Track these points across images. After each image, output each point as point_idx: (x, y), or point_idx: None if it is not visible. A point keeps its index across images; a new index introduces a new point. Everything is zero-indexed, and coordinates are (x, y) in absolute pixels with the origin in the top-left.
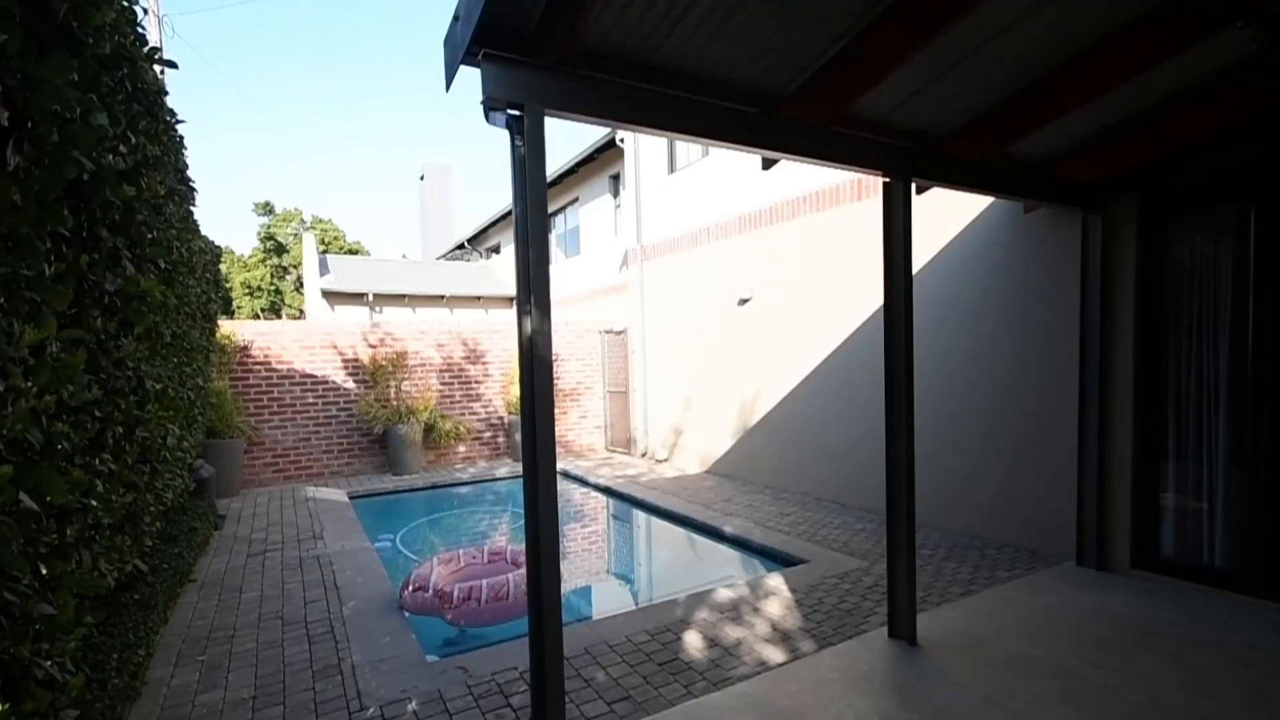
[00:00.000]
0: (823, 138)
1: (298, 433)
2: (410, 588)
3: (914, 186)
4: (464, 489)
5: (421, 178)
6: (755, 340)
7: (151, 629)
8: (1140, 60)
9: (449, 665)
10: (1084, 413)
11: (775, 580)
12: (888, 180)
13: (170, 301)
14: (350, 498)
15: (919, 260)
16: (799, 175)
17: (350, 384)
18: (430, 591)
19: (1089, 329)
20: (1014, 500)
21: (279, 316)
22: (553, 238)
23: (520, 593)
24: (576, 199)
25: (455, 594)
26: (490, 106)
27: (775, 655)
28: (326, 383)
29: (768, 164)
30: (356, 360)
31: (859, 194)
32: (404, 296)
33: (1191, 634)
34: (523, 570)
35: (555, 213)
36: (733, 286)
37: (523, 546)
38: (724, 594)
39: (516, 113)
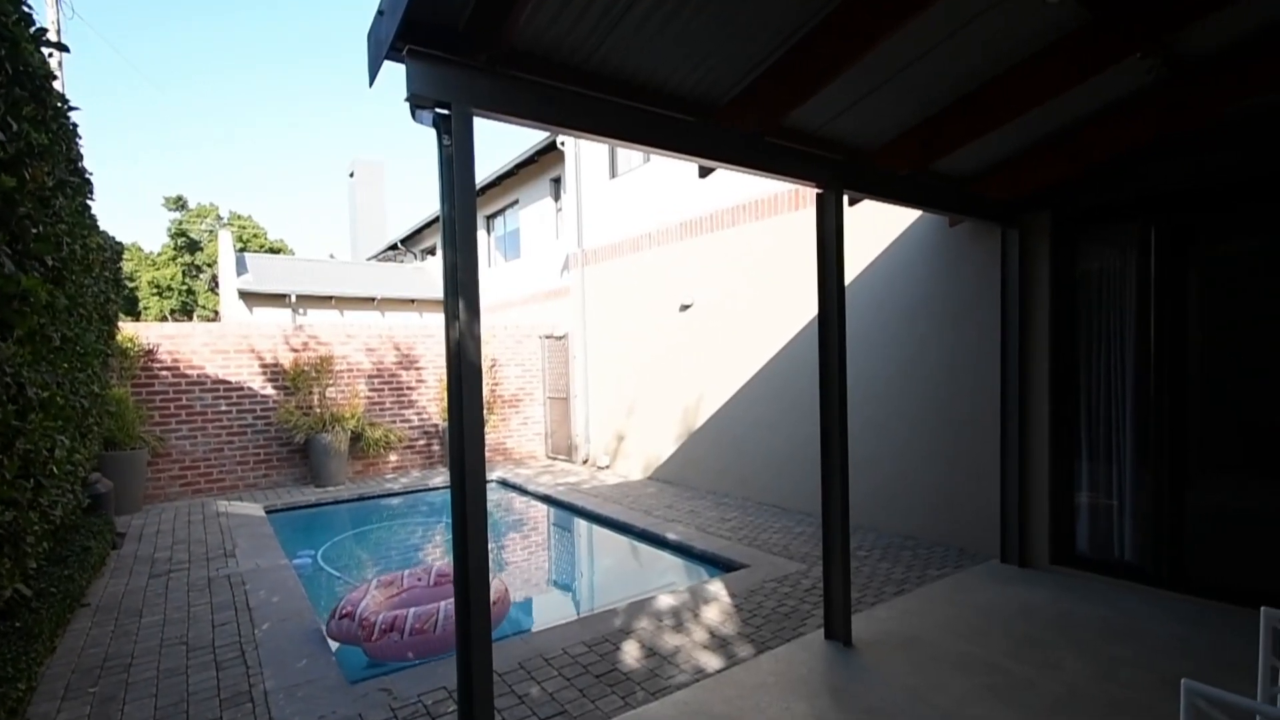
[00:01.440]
0: (758, 148)
1: (209, 443)
2: (337, 614)
3: (846, 198)
4: (394, 500)
5: (351, 175)
6: (697, 346)
7: (35, 660)
8: (1050, 86)
9: (371, 688)
10: (1005, 417)
11: (715, 586)
12: (821, 191)
13: (60, 302)
14: (267, 512)
15: (854, 269)
16: (739, 184)
17: (269, 390)
18: (355, 621)
19: (1009, 338)
20: (944, 501)
21: (190, 318)
22: (491, 240)
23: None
24: (516, 201)
25: (379, 623)
26: (416, 105)
27: (714, 662)
28: (242, 389)
29: (704, 172)
30: (277, 365)
31: (796, 204)
32: (331, 298)
33: (1104, 625)
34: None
35: (494, 215)
36: (675, 292)
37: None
38: (664, 601)
39: (444, 112)
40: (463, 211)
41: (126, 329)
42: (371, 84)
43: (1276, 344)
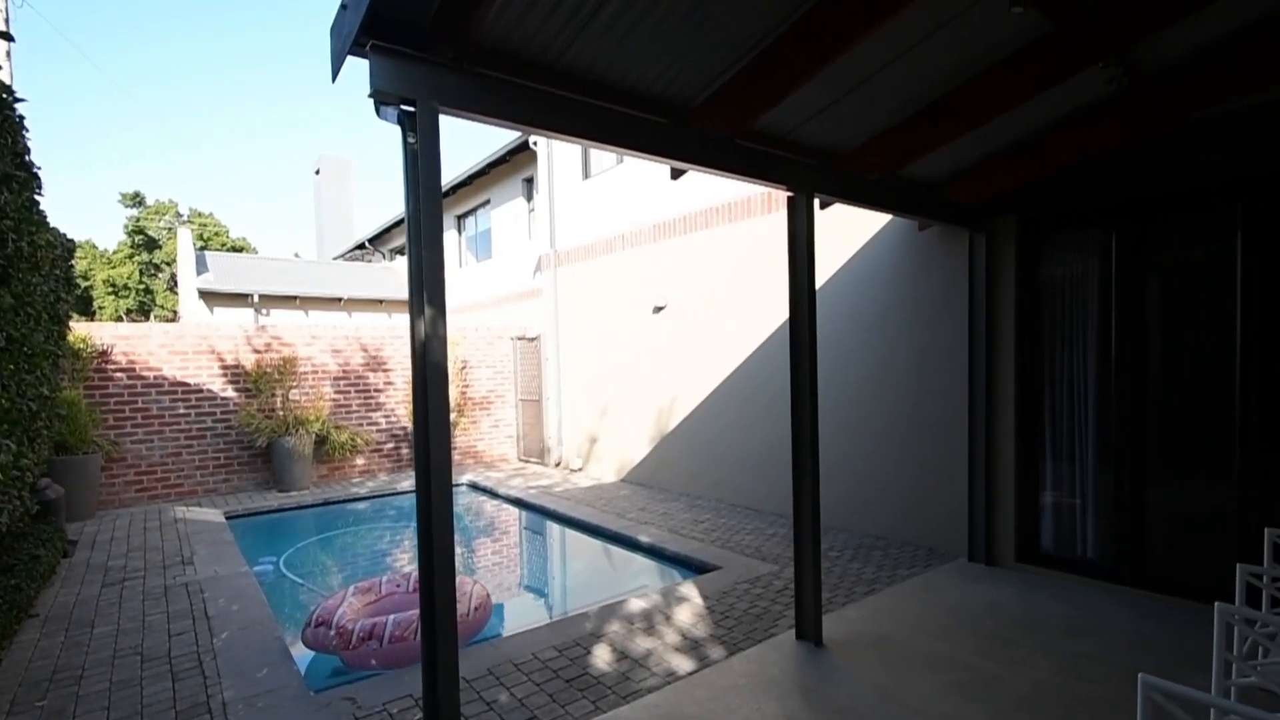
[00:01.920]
0: (729, 151)
1: (166, 447)
2: (313, 623)
3: (817, 201)
4: (361, 505)
5: (317, 172)
6: (670, 348)
7: None
8: (1015, 94)
9: (335, 697)
10: (973, 418)
11: (688, 588)
12: (791, 195)
13: (4, 301)
14: (227, 518)
15: (826, 272)
16: (712, 186)
17: (230, 392)
18: (332, 629)
19: (976, 340)
20: (914, 502)
21: (148, 318)
22: (462, 240)
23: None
24: (488, 201)
25: (357, 630)
26: (380, 101)
27: (686, 664)
28: (201, 391)
29: (676, 174)
30: (238, 366)
31: (769, 207)
32: (295, 298)
33: (1068, 622)
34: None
35: (465, 214)
36: (648, 294)
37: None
38: (636, 604)
39: (409, 109)
40: (428, 210)
41: (79, 329)
42: (334, 79)
43: (1226, 348)
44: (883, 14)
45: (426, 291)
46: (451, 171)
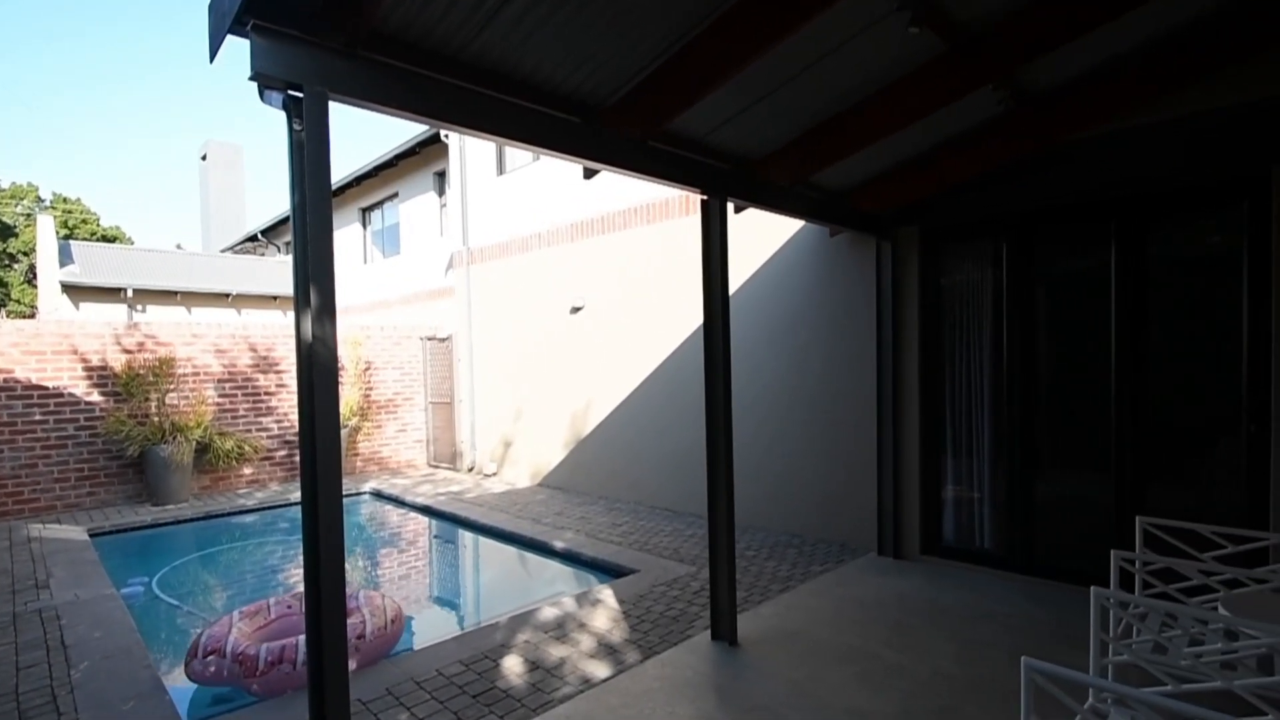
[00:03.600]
0: (643, 152)
1: (18, 458)
2: (201, 653)
3: (731, 205)
4: (248, 517)
5: (203, 158)
6: (588, 349)
7: None
8: (914, 110)
9: None
10: (881, 418)
11: (604, 592)
12: (705, 198)
13: None
14: (91, 535)
15: (743, 275)
16: (631, 187)
17: (96, 397)
18: (229, 658)
19: (883, 343)
20: (828, 499)
21: (2, 314)
22: (367, 234)
23: (362, 643)
24: (396, 194)
25: (264, 655)
26: (264, 85)
27: (600, 671)
28: (62, 396)
29: (589, 173)
30: (106, 368)
31: (687, 209)
32: (176, 294)
33: (966, 610)
34: (362, 614)
35: (371, 207)
36: (565, 294)
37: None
38: (549, 612)
39: (296, 94)
40: (315, 202)
41: None
42: (212, 60)
43: (1103, 352)
44: (789, 26)
45: (314, 289)
46: (357, 160)
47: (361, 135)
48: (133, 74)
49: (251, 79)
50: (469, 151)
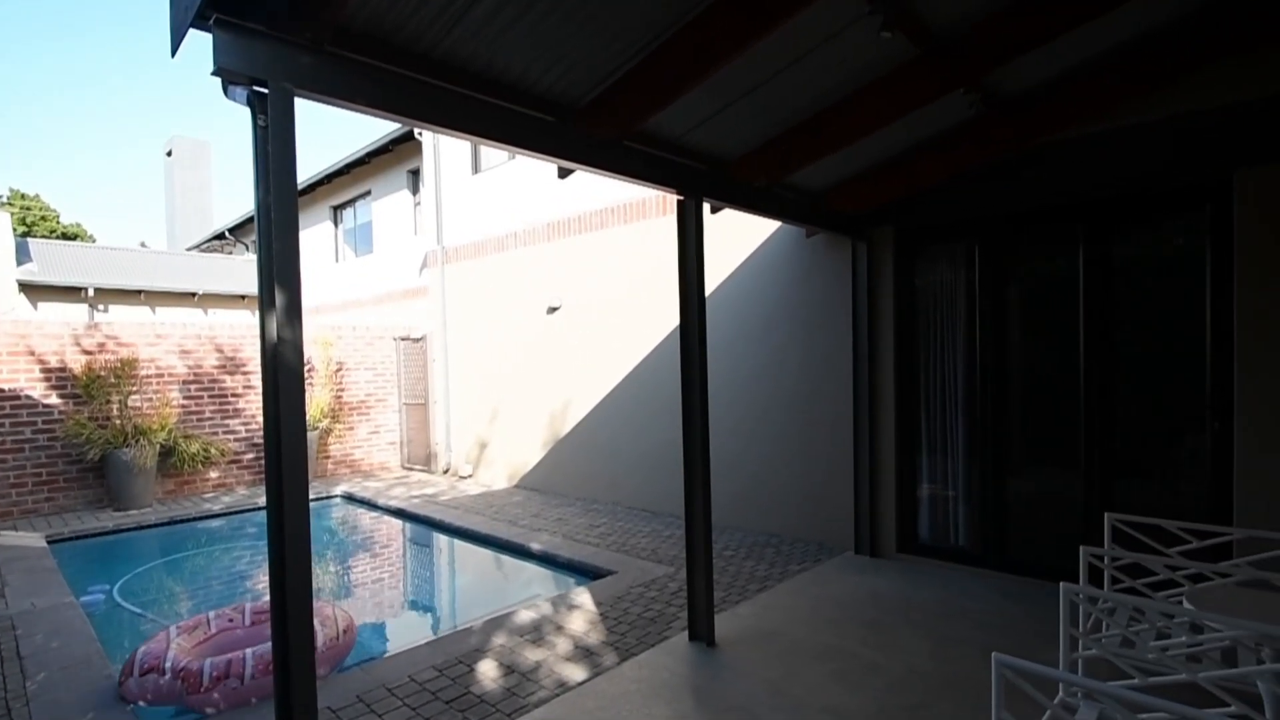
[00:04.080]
0: (618, 152)
1: None
2: (137, 672)
3: (707, 206)
4: (215, 522)
5: (169, 154)
6: (565, 349)
7: None
8: (887, 113)
9: None
10: (858, 416)
11: (581, 595)
12: (681, 198)
13: None
14: (50, 542)
15: (720, 275)
16: (607, 187)
17: (54, 399)
18: (170, 675)
19: (859, 343)
20: (805, 499)
21: None
22: (339, 233)
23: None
24: (369, 192)
25: (208, 670)
26: (227, 80)
27: (577, 674)
28: (18, 398)
29: (564, 173)
30: (64, 369)
31: (664, 209)
32: (140, 293)
33: (941, 607)
34: (323, 625)
35: (343, 205)
36: (542, 294)
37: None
38: (525, 615)
39: (261, 89)
40: (280, 199)
41: None
42: (174, 54)
43: (1072, 352)
44: (762, 28)
45: (279, 288)
46: (329, 157)
47: (336, 134)
48: (96, 67)
49: (214, 74)
50: (443, 149)
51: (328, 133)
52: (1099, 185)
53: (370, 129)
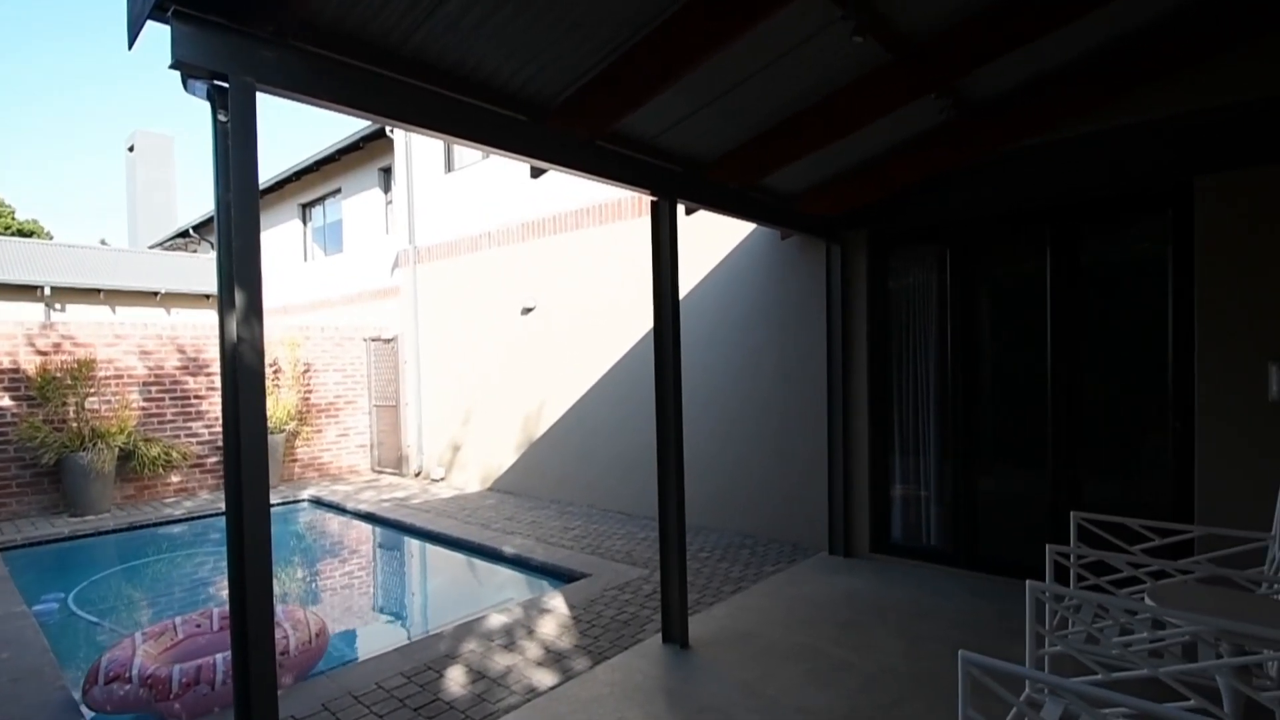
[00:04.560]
0: (591, 152)
1: None
2: (102, 680)
3: (681, 207)
4: (176, 528)
5: (130, 149)
6: (540, 350)
7: None
8: (860, 117)
9: None
10: (832, 417)
11: (554, 598)
12: (655, 200)
13: None
14: (1, 549)
15: (695, 277)
16: (582, 187)
17: (6, 401)
18: (136, 683)
19: (834, 345)
20: (781, 500)
21: None
22: (308, 231)
23: (286, 659)
24: (339, 190)
25: (177, 677)
26: (186, 74)
27: (548, 679)
28: None
29: (536, 173)
30: (17, 371)
31: (639, 210)
32: (99, 291)
33: (914, 606)
34: (284, 629)
35: (312, 203)
36: (516, 295)
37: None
38: (497, 620)
39: (221, 84)
40: (241, 197)
41: None
42: (131, 46)
43: (1040, 354)
44: (735, 31)
45: (239, 287)
46: (297, 154)
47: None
48: (55, 59)
49: (173, 68)
50: (416, 147)
51: (300, 128)
52: (1066, 190)
53: (342, 126)
